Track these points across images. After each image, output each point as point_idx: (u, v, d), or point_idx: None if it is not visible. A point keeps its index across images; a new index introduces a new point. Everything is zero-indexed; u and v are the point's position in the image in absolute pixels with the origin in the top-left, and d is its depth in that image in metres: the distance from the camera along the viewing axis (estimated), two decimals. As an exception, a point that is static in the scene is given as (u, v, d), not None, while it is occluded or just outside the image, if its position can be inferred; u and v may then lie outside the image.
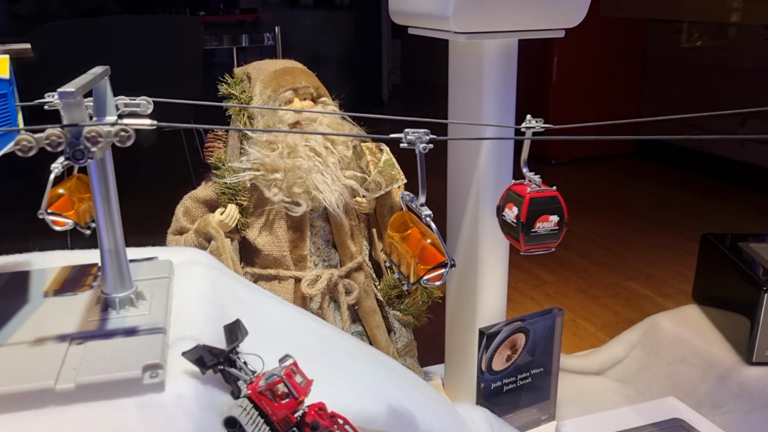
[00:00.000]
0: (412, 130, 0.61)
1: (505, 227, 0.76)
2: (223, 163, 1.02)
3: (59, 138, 0.52)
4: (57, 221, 0.69)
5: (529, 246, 0.72)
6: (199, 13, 3.17)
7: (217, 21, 3.24)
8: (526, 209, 0.70)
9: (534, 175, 0.73)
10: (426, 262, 0.61)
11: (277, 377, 0.60)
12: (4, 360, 0.57)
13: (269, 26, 3.01)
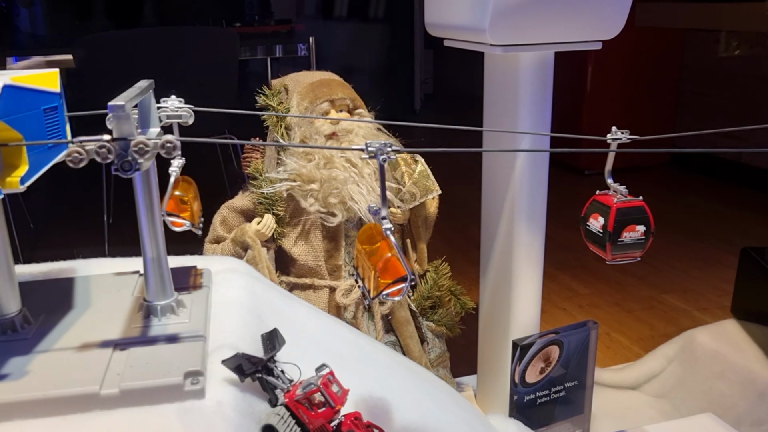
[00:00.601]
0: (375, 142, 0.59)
1: (589, 237, 0.77)
2: (260, 174, 1.03)
3: (108, 150, 0.54)
4: (175, 222, 0.70)
5: (615, 255, 0.74)
6: (235, 25, 3.22)
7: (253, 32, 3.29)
8: (613, 219, 0.72)
9: (619, 185, 0.74)
10: (386, 276, 0.58)
11: (314, 386, 0.61)
12: (51, 365, 0.59)
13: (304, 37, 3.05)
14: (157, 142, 0.55)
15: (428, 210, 1.13)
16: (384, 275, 0.58)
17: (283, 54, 3.12)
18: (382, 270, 0.57)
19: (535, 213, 1.12)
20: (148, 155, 0.55)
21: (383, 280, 0.58)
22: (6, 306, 0.64)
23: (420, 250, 1.16)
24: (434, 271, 1.18)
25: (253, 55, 3.08)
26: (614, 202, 0.73)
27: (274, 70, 3.15)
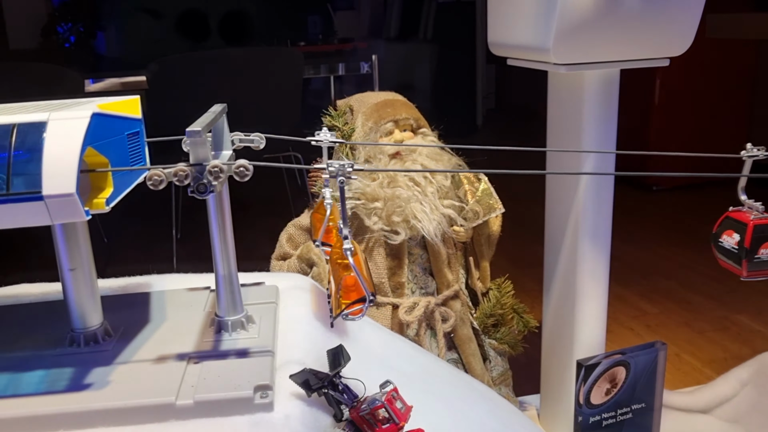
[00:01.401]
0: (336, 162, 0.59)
1: (722, 254, 0.77)
2: (326, 192, 1.06)
3: (186, 173, 0.57)
4: (328, 251, 0.70)
5: (751, 272, 0.74)
6: (300, 44, 3.29)
7: (317, 51, 3.36)
8: (750, 236, 0.72)
9: (754, 201, 0.74)
10: (347, 296, 0.59)
11: (378, 402, 0.62)
12: (130, 375, 0.62)
13: (366, 55, 3.09)
14: (230, 165, 0.57)
15: (491, 228, 1.13)
16: (345, 295, 0.59)
17: (345, 72, 3.17)
18: (344, 290, 0.59)
19: (599, 231, 1.10)
20: (222, 178, 0.57)
21: (344, 300, 0.59)
22: (89, 319, 0.68)
23: (483, 268, 1.17)
24: (497, 289, 1.18)
25: (316, 73, 3.15)
26: (750, 219, 0.74)
27: (336, 88, 3.20)
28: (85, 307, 0.67)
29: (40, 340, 0.69)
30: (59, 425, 0.57)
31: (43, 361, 0.65)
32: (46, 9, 4.38)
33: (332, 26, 4.05)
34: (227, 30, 3.67)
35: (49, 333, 0.71)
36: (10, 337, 0.71)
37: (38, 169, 0.53)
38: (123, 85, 3.01)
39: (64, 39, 4.40)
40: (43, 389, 0.61)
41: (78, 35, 4.46)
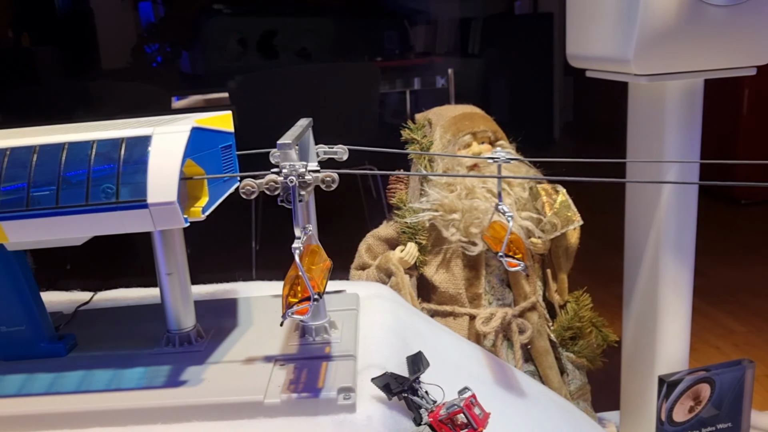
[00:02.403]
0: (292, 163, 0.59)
1: None
2: (404, 204, 1.08)
3: (276, 183, 0.60)
4: (510, 263, 0.72)
5: None
6: (377, 59, 3.35)
7: (393, 66, 3.40)
8: None
9: None
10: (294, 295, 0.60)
11: (457, 407, 0.64)
12: (221, 374, 0.66)
13: (442, 69, 3.12)
14: (318, 176, 0.60)
15: (569, 240, 1.13)
16: (291, 294, 0.60)
17: (420, 86, 3.20)
18: (289, 290, 0.60)
19: (682, 245, 1.08)
20: (310, 188, 0.60)
21: (290, 299, 0.60)
22: (184, 322, 0.72)
23: (560, 281, 1.16)
24: (575, 301, 1.17)
25: (392, 88, 3.19)
26: None
27: (412, 102, 3.24)
28: (180, 310, 0.72)
29: (139, 339, 0.74)
30: (158, 418, 0.61)
31: (142, 359, 0.70)
32: (135, 30, 4.61)
33: (409, 41, 4.09)
34: (306, 47, 3.77)
35: (146, 334, 0.75)
36: (112, 337, 0.77)
37: (144, 179, 0.57)
38: (206, 102, 3.14)
39: (152, 59, 4.62)
40: (143, 385, 0.65)
41: (164, 55, 4.67)
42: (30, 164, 0.59)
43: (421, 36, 4.34)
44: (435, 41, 4.40)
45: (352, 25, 3.93)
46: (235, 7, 4.00)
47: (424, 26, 4.33)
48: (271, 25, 3.84)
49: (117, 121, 0.72)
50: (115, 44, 4.35)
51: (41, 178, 0.59)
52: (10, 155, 0.60)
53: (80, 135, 0.60)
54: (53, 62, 3.30)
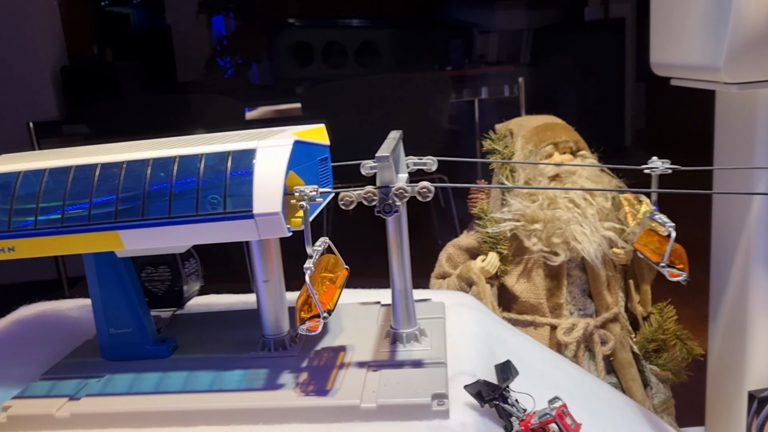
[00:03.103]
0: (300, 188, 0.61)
1: None
2: (485, 214, 1.09)
3: (374, 194, 0.62)
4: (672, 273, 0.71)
5: None
6: (446, 68, 3.36)
7: (462, 75, 3.41)
8: None
9: None
10: (306, 311, 0.62)
11: (549, 416, 0.64)
12: (316, 379, 0.68)
13: (512, 78, 3.10)
14: (414, 187, 0.62)
15: (653, 251, 1.11)
16: (304, 310, 0.62)
17: (488, 96, 3.19)
18: (303, 305, 0.62)
19: (773, 256, 1.05)
20: (406, 199, 0.62)
21: (303, 315, 0.62)
22: (279, 327, 0.75)
23: (644, 292, 1.14)
24: (659, 313, 1.15)
25: (458, 97, 3.19)
26: None
27: (482, 111, 3.23)
28: (276, 316, 0.75)
29: (235, 344, 0.77)
30: (259, 419, 0.64)
31: (240, 362, 0.73)
32: (209, 44, 4.75)
33: (478, 50, 4.09)
34: (375, 57, 3.82)
35: (241, 338, 0.79)
36: (209, 341, 0.80)
37: (250, 191, 0.60)
38: (276, 113, 3.21)
39: (224, 71, 4.75)
40: (244, 387, 0.68)
41: (236, 67, 4.80)
42: (144, 176, 0.63)
43: (490, 45, 4.33)
44: (504, 50, 4.38)
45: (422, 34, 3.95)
46: (305, 19, 4.08)
47: (493, 35, 4.32)
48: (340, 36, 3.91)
49: (219, 134, 0.75)
50: (190, 57, 4.50)
51: (155, 190, 0.62)
52: (127, 168, 0.64)
53: (189, 149, 0.64)
54: (135, 76, 3.44)
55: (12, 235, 0.63)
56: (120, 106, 3.01)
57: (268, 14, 4.54)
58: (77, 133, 2.80)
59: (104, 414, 0.67)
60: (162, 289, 0.80)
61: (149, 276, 0.79)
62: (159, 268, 0.79)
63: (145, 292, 0.78)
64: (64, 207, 0.63)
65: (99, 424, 0.66)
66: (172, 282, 0.79)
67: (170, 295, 0.81)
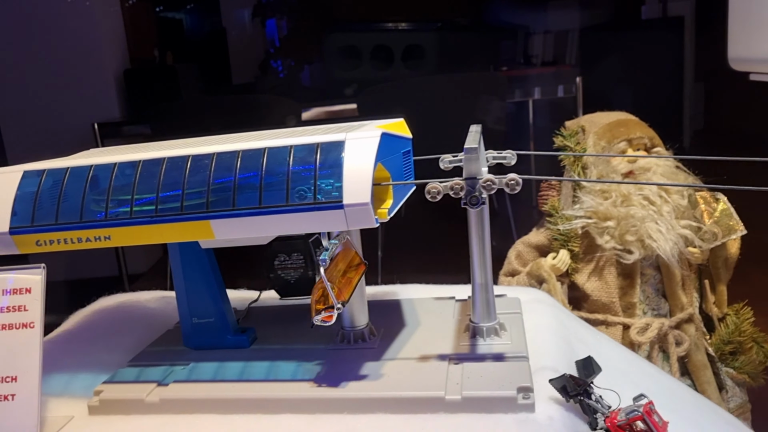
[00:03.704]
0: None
1: None
2: (556, 211, 1.08)
3: (461, 186, 0.62)
4: None
5: None
6: (502, 69, 3.34)
7: (519, 75, 3.38)
8: None
9: None
10: (320, 303, 0.64)
11: (637, 413, 0.63)
12: (398, 370, 0.68)
13: (570, 77, 3.05)
14: (502, 179, 0.62)
15: (729, 250, 1.08)
16: (319, 302, 0.64)
17: (540, 96, 3.15)
18: (319, 297, 0.64)
19: None
20: (493, 191, 0.62)
21: (318, 306, 0.64)
22: (358, 320, 0.76)
23: (719, 292, 1.12)
24: (735, 315, 1.12)
25: (519, 97, 3.15)
26: None
27: (538, 111, 3.19)
28: (356, 309, 0.75)
29: (312, 336, 0.78)
30: (343, 408, 0.65)
31: (320, 353, 0.74)
32: (263, 47, 4.82)
33: (530, 50, 4.05)
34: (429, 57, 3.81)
35: (317, 330, 0.79)
36: (286, 332, 0.82)
37: (340, 182, 0.61)
38: (328, 114, 3.24)
39: (278, 73, 4.81)
40: (326, 377, 0.69)
41: (289, 69, 4.86)
42: (235, 168, 0.64)
43: (545, 45, 4.29)
44: (560, 49, 4.33)
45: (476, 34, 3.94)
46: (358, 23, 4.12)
47: (550, 34, 4.27)
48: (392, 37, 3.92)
49: (299, 128, 0.76)
50: (244, 60, 4.58)
51: (245, 180, 0.64)
52: (217, 159, 0.65)
53: (277, 141, 0.65)
54: (193, 78, 3.51)
55: (109, 224, 0.66)
56: (180, 107, 3.08)
57: (320, 17, 4.58)
58: (138, 134, 2.87)
59: (192, 400, 0.68)
60: (295, 276, 0.81)
61: (282, 264, 0.80)
62: (292, 256, 0.80)
63: (276, 280, 0.79)
64: (158, 197, 0.65)
65: (187, 409, 0.68)
66: (305, 269, 0.79)
67: (302, 282, 0.81)
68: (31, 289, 0.67)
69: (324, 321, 0.64)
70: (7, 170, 0.71)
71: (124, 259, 2.82)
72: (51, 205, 0.67)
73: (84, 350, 0.86)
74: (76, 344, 0.88)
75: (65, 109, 2.95)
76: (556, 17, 4.29)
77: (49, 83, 2.87)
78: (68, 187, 0.68)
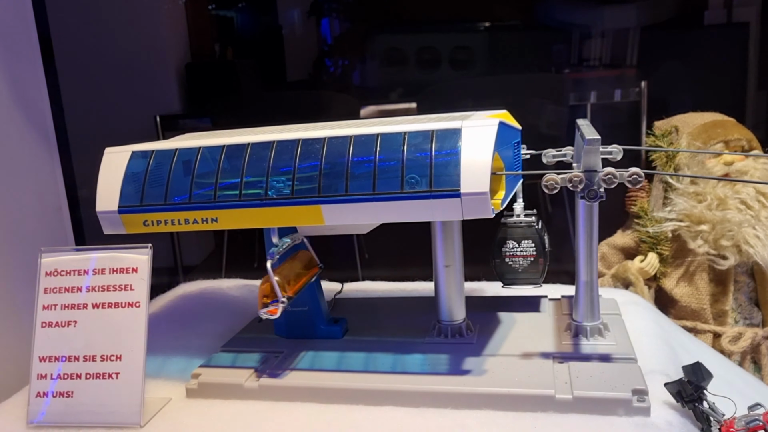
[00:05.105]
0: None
1: None
2: (646, 213, 1.05)
3: (580, 179, 0.60)
4: None
5: None
6: (565, 71, 3.28)
7: (581, 77, 3.32)
8: None
9: None
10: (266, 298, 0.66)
11: (759, 422, 0.60)
12: (501, 367, 0.67)
13: (634, 81, 2.98)
14: (623, 173, 0.60)
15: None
16: (267, 296, 0.66)
17: (596, 100, 3.09)
18: (267, 291, 0.66)
19: None
20: (614, 185, 0.60)
21: (264, 300, 0.66)
22: (456, 314, 0.74)
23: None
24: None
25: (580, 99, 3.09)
26: None
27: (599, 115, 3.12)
28: (454, 302, 0.74)
29: (406, 329, 0.77)
30: (448, 403, 0.63)
31: (417, 346, 0.73)
32: (318, 45, 4.84)
33: (596, 52, 3.98)
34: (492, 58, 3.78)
35: (411, 323, 0.78)
36: (377, 324, 0.81)
37: (457, 170, 0.59)
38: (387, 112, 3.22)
39: (330, 71, 4.83)
40: (428, 370, 0.67)
41: (343, 68, 4.87)
42: (347, 153, 0.63)
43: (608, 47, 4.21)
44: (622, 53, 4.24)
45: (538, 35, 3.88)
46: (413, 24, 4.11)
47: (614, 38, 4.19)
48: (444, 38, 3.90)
49: (395, 118, 0.75)
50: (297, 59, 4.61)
51: (357, 166, 0.63)
52: (328, 144, 0.64)
53: (389, 128, 0.64)
54: (252, 73, 3.54)
55: (217, 206, 0.65)
56: (239, 101, 3.11)
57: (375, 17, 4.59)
58: (199, 127, 2.91)
59: (291, 387, 0.68)
60: (524, 264, 0.78)
61: (511, 251, 0.78)
62: (522, 243, 0.77)
63: (502, 267, 0.77)
64: (268, 180, 0.64)
65: (286, 396, 0.67)
66: (535, 257, 0.77)
67: (531, 270, 0.78)
68: (138, 269, 0.67)
69: (270, 314, 0.66)
70: (116, 150, 0.71)
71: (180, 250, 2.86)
72: (160, 185, 0.67)
73: (175, 333, 0.86)
74: (166, 327, 0.89)
75: (128, 101, 3.00)
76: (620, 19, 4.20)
77: (112, 76, 2.92)
78: (176, 168, 0.68)
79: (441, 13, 4.08)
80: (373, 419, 0.63)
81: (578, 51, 4.03)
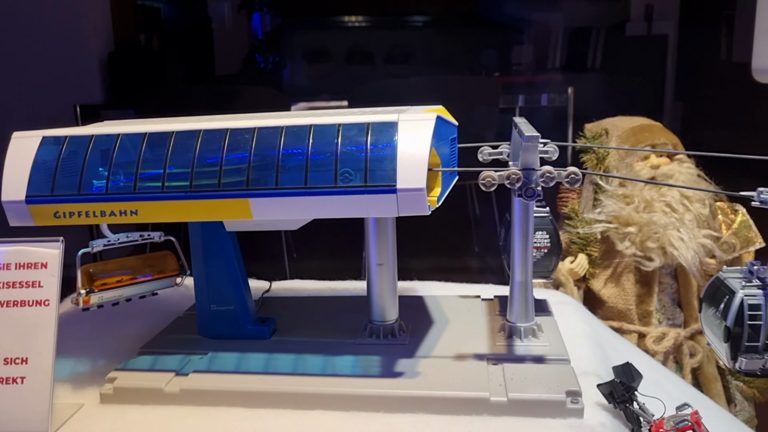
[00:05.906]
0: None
1: None
2: (576, 214, 1.06)
3: (518, 176, 0.59)
4: None
5: None
6: (495, 74, 3.33)
7: (511, 82, 3.38)
8: None
9: None
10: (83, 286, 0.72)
11: (688, 422, 0.61)
12: (434, 369, 0.65)
13: (561, 87, 3.05)
14: (562, 172, 0.59)
15: (743, 263, 1.07)
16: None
17: (524, 104, 3.14)
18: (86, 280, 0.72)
19: None
20: (551, 184, 0.59)
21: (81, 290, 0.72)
22: (389, 314, 0.72)
23: (734, 304, 1.10)
24: (747, 328, 1.10)
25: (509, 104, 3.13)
26: None
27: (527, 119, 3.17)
28: (386, 302, 0.72)
29: (336, 329, 0.74)
30: (380, 407, 0.61)
31: (348, 347, 0.70)
32: (248, 40, 4.76)
33: (526, 57, 4.06)
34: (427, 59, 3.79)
35: (341, 324, 0.76)
36: (307, 324, 0.77)
37: (392, 165, 0.57)
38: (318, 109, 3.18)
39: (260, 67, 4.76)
40: (359, 373, 0.65)
41: (273, 64, 4.80)
42: (278, 144, 0.60)
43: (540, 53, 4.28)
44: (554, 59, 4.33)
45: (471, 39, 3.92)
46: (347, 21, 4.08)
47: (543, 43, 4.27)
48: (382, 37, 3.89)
49: (333, 110, 0.73)
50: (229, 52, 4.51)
51: (289, 159, 0.60)
52: (258, 135, 0.61)
53: (323, 119, 0.61)
54: (180, 65, 3.43)
55: (137, 197, 0.61)
56: (165, 94, 3.01)
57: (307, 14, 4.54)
58: (121, 119, 2.79)
59: (215, 391, 0.64)
60: (537, 256, 0.73)
61: None
62: (536, 234, 0.72)
63: None
64: (193, 172, 0.60)
65: (209, 400, 0.64)
66: (549, 250, 0.73)
67: (543, 263, 0.74)
68: (47, 264, 0.62)
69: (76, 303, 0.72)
70: (25, 135, 0.65)
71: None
72: (74, 174, 0.62)
73: (88, 334, 0.80)
74: (78, 327, 0.83)
75: (45, 89, 2.85)
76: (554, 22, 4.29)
77: (28, 61, 2.77)
78: (93, 157, 0.63)
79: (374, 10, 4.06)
80: (301, 424, 0.60)
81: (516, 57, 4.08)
